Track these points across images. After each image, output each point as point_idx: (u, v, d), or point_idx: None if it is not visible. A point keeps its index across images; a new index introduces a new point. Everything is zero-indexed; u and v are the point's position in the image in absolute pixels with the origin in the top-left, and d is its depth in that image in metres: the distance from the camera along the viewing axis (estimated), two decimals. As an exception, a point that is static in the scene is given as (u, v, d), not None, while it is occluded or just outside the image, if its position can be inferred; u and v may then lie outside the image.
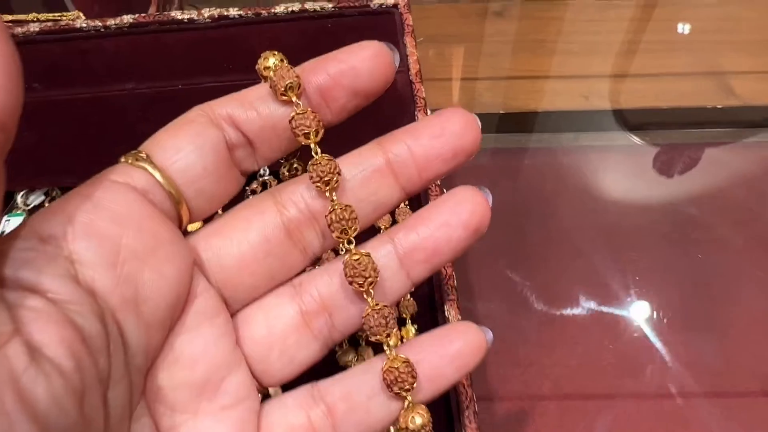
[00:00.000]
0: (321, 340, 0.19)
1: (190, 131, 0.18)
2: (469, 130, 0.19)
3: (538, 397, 0.43)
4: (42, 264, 0.15)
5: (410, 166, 0.19)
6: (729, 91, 0.57)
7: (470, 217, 0.19)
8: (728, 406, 0.42)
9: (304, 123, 0.18)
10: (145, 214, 0.17)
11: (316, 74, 0.18)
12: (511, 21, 0.64)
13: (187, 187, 0.18)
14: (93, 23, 0.41)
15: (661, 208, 0.52)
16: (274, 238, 0.19)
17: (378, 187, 0.19)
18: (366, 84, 0.18)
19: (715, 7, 0.65)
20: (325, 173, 0.18)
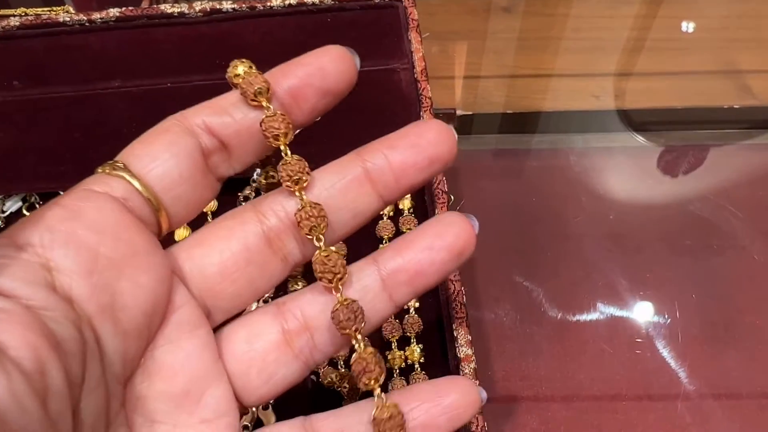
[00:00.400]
0: (302, 360, 0.20)
1: (166, 140, 0.19)
2: (444, 140, 0.19)
3: (547, 405, 0.41)
4: (17, 271, 0.15)
5: (387, 174, 0.19)
6: (746, 90, 0.56)
7: (455, 240, 0.19)
8: (745, 417, 0.40)
9: (273, 125, 0.19)
10: (123, 223, 0.17)
11: (286, 78, 0.19)
12: (518, 17, 0.63)
13: (164, 194, 0.18)
14: (77, 17, 0.39)
15: (676, 212, 0.50)
16: (254, 246, 0.19)
17: (356, 195, 0.20)
18: (333, 84, 0.19)
19: (729, 3, 0.63)
20: (294, 173, 0.19)
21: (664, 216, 0.50)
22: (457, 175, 0.52)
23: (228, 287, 0.19)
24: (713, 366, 0.42)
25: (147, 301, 0.17)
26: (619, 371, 0.42)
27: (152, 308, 0.17)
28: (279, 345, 0.19)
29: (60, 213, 0.17)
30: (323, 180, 0.20)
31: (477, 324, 0.44)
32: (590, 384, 0.42)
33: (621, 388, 0.42)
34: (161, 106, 0.36)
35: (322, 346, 0.20)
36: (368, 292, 0.19)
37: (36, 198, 0.35)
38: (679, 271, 0.47)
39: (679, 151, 0.53)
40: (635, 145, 0.54)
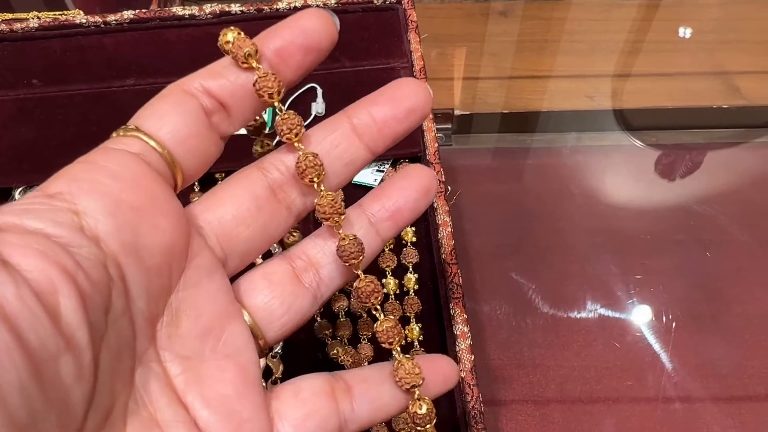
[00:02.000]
0: (312, 293, 0.22)
1: (170, 102, 0.20)
2: (418, 93, 0.22)
3: (543, 399, 0.42)
4: (47, 214, 0.17)
5: (372, 127, 0.22)
6: (735, 91, 0.57)
7: (421, 182, 0.23)
8: (737, 410, 0.41)
9: (266, 84, 0.20)
10: (141, 173, 0.19)
11: (272, 40, 0.21)
12: (515, 21, 0.64)
13: (176, 149, 0.20)
14: (93, 19, 0.41)
15: (668, 209, 0.52)
16: (262, 196, 0.21)
17: (346, 147, 0.22)
18: (315, 41, 0.21)
19: (720, 6, 0.64)
20: (294, 125, 0.21)
21: (655, 212, 0.51)
22: (455, 173, 0.53)
23: (243, 231, 0.21)
24: (701, 353, 0.43)
25: (166, 241, 0.19)
26: (610, 360, 0.44)
27: (170, 249, 0.19)
28: (292, 279, 0.22)
29: (84, 167, 0.18)
30: (316, 135, 0.22)
31: (474, 316, 0.46)
32: (583, 372, 0.43)
33: (613, 377, 0.43)
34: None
35: (328, 279, 0.22)
36: (359, 230, 0.22)
37: (55, 189, 0.37)
38: (668, 264, 0.48)
39: (670, 150, 0.55)
40: (627, 144, 0.56)
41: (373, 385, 0.22)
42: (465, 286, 0.46)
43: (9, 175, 0.36)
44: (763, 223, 0.50)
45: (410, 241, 0.35)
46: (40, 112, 0.38)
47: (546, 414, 0.42)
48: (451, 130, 0.55)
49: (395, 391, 0.21)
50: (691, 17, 0.63)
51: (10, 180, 0.36)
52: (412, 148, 0.36)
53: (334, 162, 0.22)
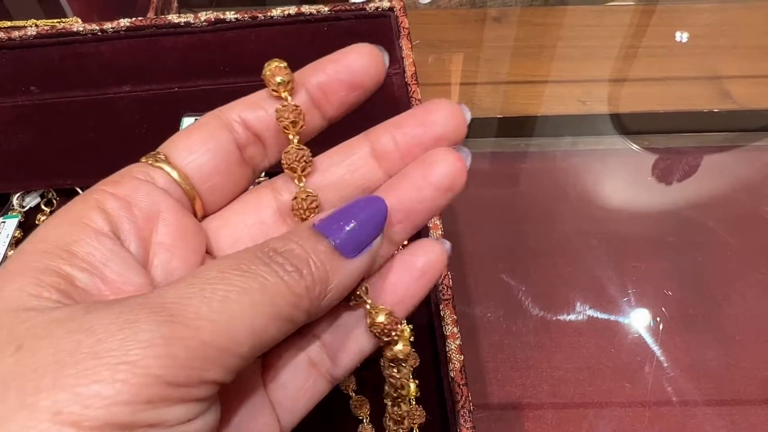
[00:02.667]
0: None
1: (203, 134, 0.20)
2: (451, 118, 0.19)
3: (536, 400, 0.43)
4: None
5: (393, 153, 0.20)
6: (726, 96, 0.57)
7: (440, 179, 0.19)
8: (728, 410, 0.42)
9: (284, 115, 0.19)
10: (170, 210, 0.19)
11: (316, 73, 0.20)
12: (509, 27, 0.65)
13: (200, 185, 0.20)
14: (90, 27, 0.42)
15: (659, 212, 0.52)
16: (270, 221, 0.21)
17: (365, 172, 0.20)
18: (361, 78, 0.20)
19: (713, 12, 0.65)
20: (291, 161, 0.20)
21: (647, 215, 0.52)
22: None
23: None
24: (692, 354, 0.44)
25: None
26: (603, 361, 0.44)
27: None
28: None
29: (117, 204, 0.18)
30: (332, 158, 0.21)
31: (468, 318, 0.46)
32: (576, 373, 0.43)
33: (606, 378, 0.43)
34: (169, 108, 0.39)
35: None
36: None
37: (53, 194, 0.38)
38: (660, 266, 0.48)
39: (663, 153, 0.55)
40: (620, 148, 0.56)
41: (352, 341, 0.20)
42: (459, 289, 0.47)
43: (7, 181, 0.37)
44: (753, 226, 0.50)
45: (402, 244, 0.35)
46: (38, 119, 0.39)
47: (539, 415, 0.42)
48: (446, 134, 0.56)
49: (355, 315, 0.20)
50: (683, 23, 0.64)
51: (8, 186, 0.37)
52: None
53: (348, 188, 0.20)
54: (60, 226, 0.17)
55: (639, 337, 0.45)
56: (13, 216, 0.36)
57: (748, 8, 0.65)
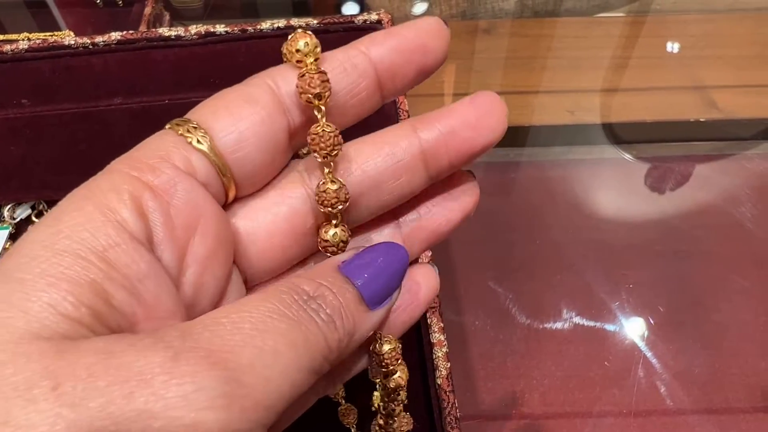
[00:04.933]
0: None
1: (254, 114, 0.17)
2: (502, 125, 0.18)
3: (526, 409, 0.43)
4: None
5: (442, 156, 0.18)
6: (712, 105, 0.58)
7: (466, 206, 0.20)
8: (716, 417, 0.42)
9: (307, 84, 0.17)
10: (210, 214, 0.16)
11: (388, 49, 0.18)
12: (499, 38, 0.65)
13: (237, 168, 0.17)
14: (81, 40, 0.42)
15: (647, 221, 0.53)
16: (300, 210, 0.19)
17: (409, 178, 0.18)
18: (432, 62, 0.18)
19: (699, 23, 0.66)
20: (321, 144, 0.17)
21: (635, 223, 0.52)
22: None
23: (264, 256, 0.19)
24: (681, 362, 0.44)
25: (218, 289, 0.17)
26: (593, 369, 0.44)
27: (220, 295, 0.17)
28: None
29: (153, 203, 0.15)
30: (378, 155, 0.18)
31: (458, 327, 0.46)
32: (566, 381, 0.44)
33: (595, 385, 0.43)
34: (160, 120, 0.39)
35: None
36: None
37: (44, 206, 0.38)
38: (649, 274, 0.49)
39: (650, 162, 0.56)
40: (609, 157, 0.57)
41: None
42: (448, 298, 0.47)
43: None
44: (740, 234, 0.51)
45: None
46: (29, 131, 0.39)
47: (529, 424, 0.42)
48: (436, 145, 0.56)
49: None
50: (670, 33, 0.65)
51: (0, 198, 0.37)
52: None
53: (386, 194, 0.18)
54: (84, 219, 0.14)
55: (628, 345, 0.45)
56: (3, 228, 0.37)
57: (733, 19, 0.66)
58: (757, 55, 0.62)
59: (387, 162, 0.18)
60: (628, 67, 0.63)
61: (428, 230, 0.19)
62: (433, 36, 0.18)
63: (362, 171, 0.18)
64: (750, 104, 0.58)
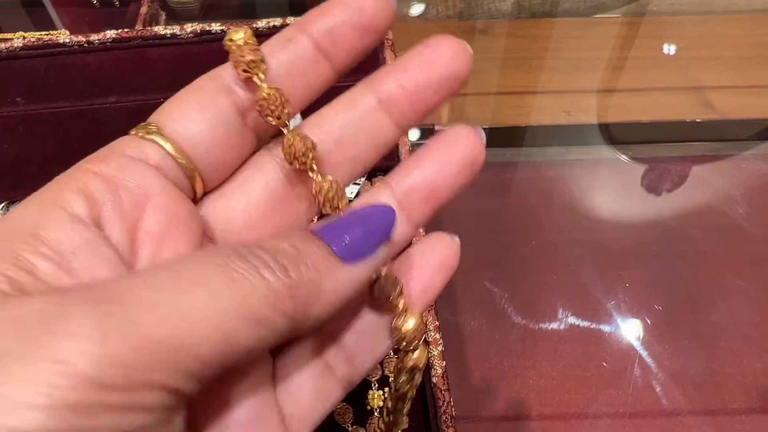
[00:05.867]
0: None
1: (198, 100, 0.18)
2: (458, 54, 0.18)
3: (522, 409, 0.43)
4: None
5: (401, 99, 0.18)
6: (708, 106, 0.58)
7: (463, 154, 0.18)
8: (712, 418, 0.42)
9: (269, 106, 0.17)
10: (161, 193, 0.17)
11: (322, 19, 0.18)
12: (496, 39, 0.65)
13: (199, 159, 0.18)
14: (76, 38, 0.42)
15: (644, 221, 0.53)
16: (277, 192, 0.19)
17: (371, 129, 0.19)
18: (373, 20, 0.18)
19: (695, 24, 0.66)
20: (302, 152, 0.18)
21: (632, 224, 0.52)
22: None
23: (253, 235, 0.18)
24: (677, 362, 0.44)
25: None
26: (589, 369, 0.44)
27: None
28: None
29: (101, 186, 0.16)
30: (337, 116, 0.19)
31: (454, 327, 0.46)
32: (562, 381, 0.44)
33: (591, 385, 0.43)
34: (154, 119, 0.39)
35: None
36: None
37: (37, 204, 0.38)
38: (645, 274, 0.49)
39: (647, 163, 0.56)
40: (606, 158, 0.57)
41: (369, 336, 0.19)
42: (445, 298, 0.47)
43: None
44: (736, 235, 0.51)
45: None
46: (23, 130, 0.39)
47: (525, 424, 0.42)
48: (433, 145, 0.56)
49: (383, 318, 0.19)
50: (666, 34, 0.65)
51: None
52: (387, 161, 0.37)
53: (357, 147, 0.19)
54: (32, 208, 0.15)
55: (624, 345, 0.45)
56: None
57: (729, 20, 0.66)
58: (754, 56, 0.62)
59: (348, 118, 0.18)
60: (624, 68, 0.63)
61: (424, 191, 0.19)
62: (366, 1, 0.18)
63: (326, 132, 0.18)
64: (746, 105, 0.59)
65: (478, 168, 0.19)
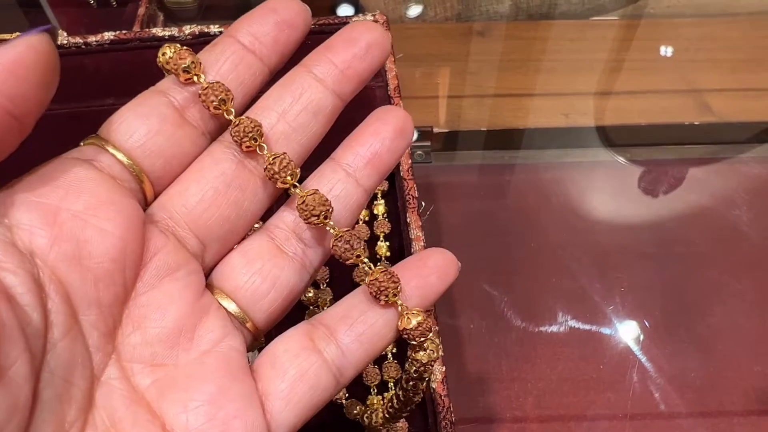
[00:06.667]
0: (298, 262, 0.20)
1: (133, 104, 0.20)
2: (373, 30, 0.21)
3: (520, 412, 0.43)
4: None
5: (334, 70, 0.21)
6: (706, 109, 0.58)
7: (395, 121, 0.21)
8: (711, 421, 0.42)
9: (212, 94, 0.19)
10: (84, 178, 0.18)
11: (244, 26, 0.20)
12: (493, 41, 0.65)
13: (142, 157, 0.19)
14: (74, 40, 0.42)
15: (642, 224, 0.53)
16: (230, 170, 0.20)
17: (311, 94, 0.21)
18: (287, 16, 0.20)
19: (692, 27, 0.66)
20: (249, 131, 0.19)
21: (630, 226, 0.52)
22: (434, 189, 0.54)
23: (214, 213, 0.20)
24: (675, 365, 0.44)
25: (114, 246, 0.17)
26: (587, 372, 0.44)
27: (121, 253, 0.18)
28: (272, 250, 0.20)
29: (25, 178, 0.17)
30: (274, 95, 0.21)
31: (452, 330, 0.46)
32: (561, 385, 0.44)
33: (590, 389, 0.43)
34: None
35: (311, 243, 0.21)
36: (336, 185, 0.21)
37: (34, 207, 0.37)
38: (643, 277, 0.49)
39: (644, 166, 0.56)
40: (604, 160, 0.57)
41: (356, 315, 0.20)
42: (443, 301, 0.47)
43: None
44: (734, 237, 0.51)
45: (384, 255, 0.35)
46: (20, 132, 0.39)
47: (523, 427, 0.42)
48: (431, 147, 0.56)
49: (384, 314, 0.20)
50: (664, 37, 0.65)
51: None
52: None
53: (301, 115, 0.20)
54: None
55: (622, 348, 0.45)
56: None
57: (727, 23, 0.66)
58: (751, 58, 0.62)
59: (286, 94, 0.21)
60: (622, 71, 0.63)
61: (367, 156, 0.21)
62: (280, 1, 0.21)
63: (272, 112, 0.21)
64: (743, 107, 0.59)
65: (410, 134, 0.21)
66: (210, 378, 0.18)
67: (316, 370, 0.19)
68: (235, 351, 0.19)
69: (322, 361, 0.19)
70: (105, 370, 0.17)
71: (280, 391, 0.19)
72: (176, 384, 0.18)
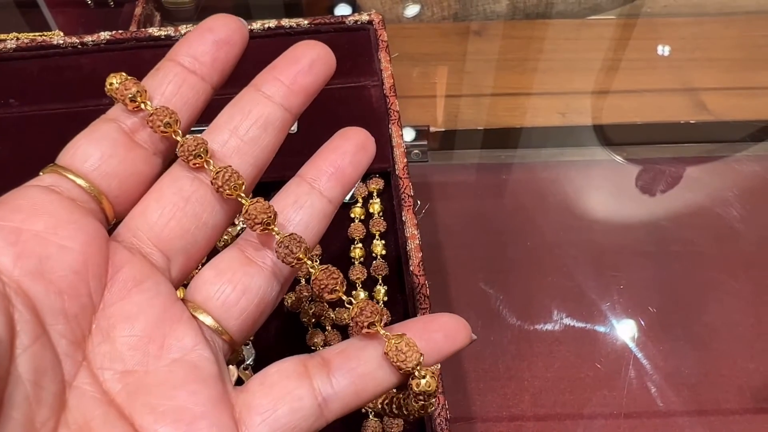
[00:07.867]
0: (268, 270, 0.21)
1: (87, 132, 0.21)
2: (315, 47, 0.22)
3: (516, 410, 0.43)
4: None
5: (280, 87, 0.22)
6: (702, 107, 0.58)
7: (356, 138, 0.22)
8: (706, 419, 0.42)
9: (156, 120, 0.20)
10: (44, 201, 0.19)
11: (183, 48, 0.21)
12: (490, 40, 0.65)
13: (98, 180, 0.20)
14: (70, 40, 0.42)
15: (638, 223, 0.53)
16: (188, 186, 0.21)
17: (260, 110, 0.22)
18: (224, 34, 0.21)
19: (688, 26, 0.66)
20: (195, 149, 0.20)
21: (626, 225, 0.53)
22: (431, 188, 0.54)
23: (174, 227, 0.21)
24: (671, 363, 0.44)
25: (75, 260, 0.18)
26: (583, 371, 0.44)
27: (83, 267, 0.19)
28: (242, 261, 0.21)
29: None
30: (225, 117, 0.22)
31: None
32: (557, 383, 0.44)
33: (586, 387, 0.43)
34: (149, 121, 0.39)
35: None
36: (301, 197, 0.22)
37: (31, 206, 0.37)
38: (640, 276, 0.49)
39: (641, 164, 0.56)
40: (600, 159, 0.57)
41: (352, 352, 0.20)
42: (439, 299, 0.47)
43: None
44: (730, 235, 0.51)
45: (380, 254, 0.35)
46: (17, 132, 0.39)
47: (520, 426, 0.42)
48: (427, 146, 0.56)
49: (380, 359, 0.19)
50: (660, 36, 0.65)
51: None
52: (381, 163, 0.37)
53: (251, 129, 0.21)
54: None
55: (618, 346, 0.45)
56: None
57: (723, 22, 0.66)
58: (747, 57, 0.62)
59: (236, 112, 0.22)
60: (618, 70, 0.63)
61: (330, 170, 0.22)
62: (213, 18, 0.22)
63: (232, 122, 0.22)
64: (739, 106, 0.59)
65: (371, 150, 0.23)
66: (180, 384, 0.19)
67: (300, 394, 0.19)
68: (206, 360, 0.20)
69: (309, 388, 0.20)
70: (76, 375, 0.18)
71: (262, 405, 0.19)
72: (145, 389, 0.19)
